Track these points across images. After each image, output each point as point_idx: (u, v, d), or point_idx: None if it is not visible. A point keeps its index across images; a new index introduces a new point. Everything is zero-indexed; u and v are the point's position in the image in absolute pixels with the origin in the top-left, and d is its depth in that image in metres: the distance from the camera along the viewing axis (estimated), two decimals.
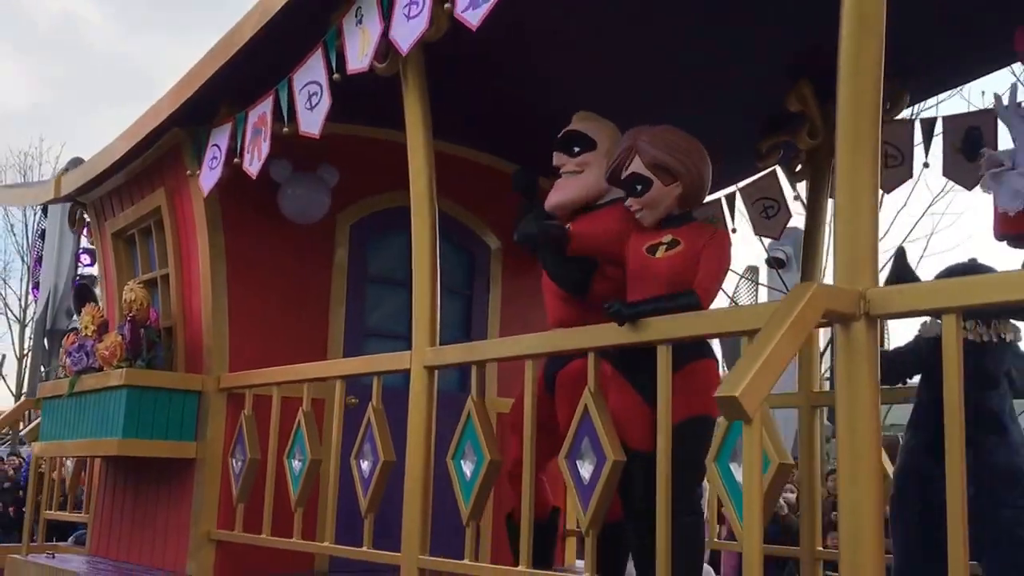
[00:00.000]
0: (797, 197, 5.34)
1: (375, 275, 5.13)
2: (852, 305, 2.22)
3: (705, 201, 4.73)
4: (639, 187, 3.38)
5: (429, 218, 3.59)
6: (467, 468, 3.23)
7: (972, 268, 3.69)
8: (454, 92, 4.34)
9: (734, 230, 5.52)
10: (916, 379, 3.58)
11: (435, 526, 3.47)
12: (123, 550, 5.11)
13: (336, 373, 4.00)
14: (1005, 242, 3.06)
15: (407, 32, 3.36)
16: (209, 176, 4.34)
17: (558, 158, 3.76)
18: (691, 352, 3.19)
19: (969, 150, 4.52)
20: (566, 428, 2.99)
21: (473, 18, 3.08)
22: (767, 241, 15.15)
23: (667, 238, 3.34)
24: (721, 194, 5.50)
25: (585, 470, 2.85)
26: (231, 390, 4.60)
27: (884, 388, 2.48)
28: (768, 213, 5.30)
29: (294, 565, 4.58)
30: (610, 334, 2.96)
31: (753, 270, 18.23)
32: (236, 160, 4.18)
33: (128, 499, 5.15)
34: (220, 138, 4.33)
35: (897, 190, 4.90)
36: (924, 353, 3.51)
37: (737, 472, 2.49)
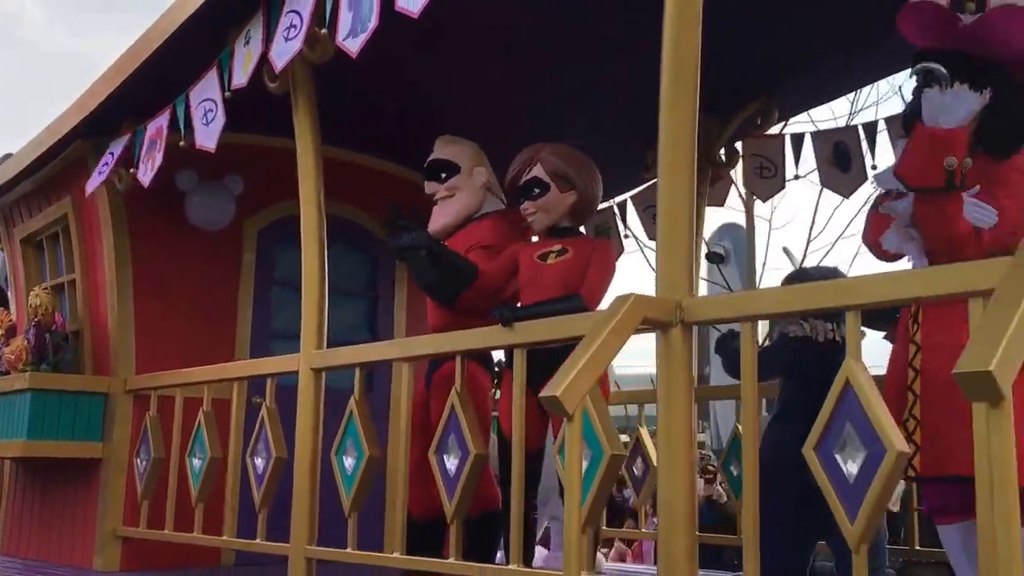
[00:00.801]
0: None
1: (281, 279, 5.30)
2: (669, 313, 2.49)
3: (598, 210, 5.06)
4: (537, 191, 3.69)
5: (317, 226, 3.83)
6: (348, 463, 3.45)
7: (801, 275, 4.04)
8: (358, 101, 4.55)
9: (626, 236, 5.83)
10: None
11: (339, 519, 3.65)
12: (32, 548, 5.24)
13: (232, 375, 4.20)
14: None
15: (283, 52, 3.59)
16: (95, 179, 4.51)
17: (429, 187, 4.05)
18: None
19: (841, 162, 4.88)
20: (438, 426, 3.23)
21: (353, 46, 3.30)
22: (707, 236, 15.82)
23: (557, 247, 3.64)
24: (614, 202, 5.80)
25: (451, 464, 3.08)
26: (137, 392, 4.75)
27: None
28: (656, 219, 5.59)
29: (201, 560, 4.75)
30: (478, 339, 3.21)
31: None
32: (132, 170, 4.35)
33: (37, 498, 5.28)
34: (116, 147, 4.50)
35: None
36: (787, 352, 3.84)
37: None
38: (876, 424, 2.11)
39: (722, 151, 5.09)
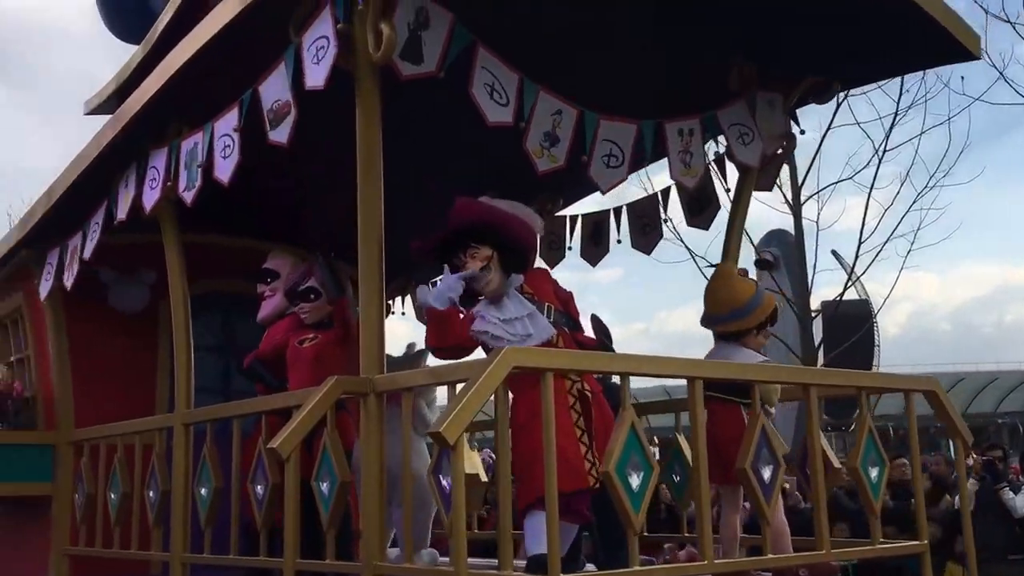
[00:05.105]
0: None
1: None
2: (365, 386, 3.86)
3: None
4: (313, 296, 5.07)
5: (183, 307, 5.28)
6: (203, 492, 4.81)
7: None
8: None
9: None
10: None
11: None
12: None
13: (133, 429, 5.53)
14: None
15: (149, 197, 5.01)
16: (44, 286, 5.91)
17: (260, 287, 5.45)
18: None
19: (596, 237, 6.30)
20: None
21: (187, 197, 4.69)
22: (756, 243, 16.88)
23: (311, 335, 5.04)
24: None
25: (259, 489, 4.43)
26: (76, 442, 6.12)
27: None
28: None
29: (133, 569, 6.05)
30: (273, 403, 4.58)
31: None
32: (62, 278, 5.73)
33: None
34: (52, 257, 5.91)
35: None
36: None
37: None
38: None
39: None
